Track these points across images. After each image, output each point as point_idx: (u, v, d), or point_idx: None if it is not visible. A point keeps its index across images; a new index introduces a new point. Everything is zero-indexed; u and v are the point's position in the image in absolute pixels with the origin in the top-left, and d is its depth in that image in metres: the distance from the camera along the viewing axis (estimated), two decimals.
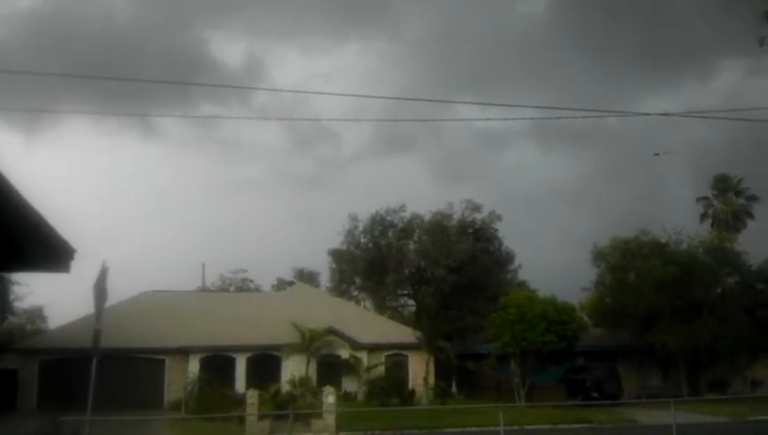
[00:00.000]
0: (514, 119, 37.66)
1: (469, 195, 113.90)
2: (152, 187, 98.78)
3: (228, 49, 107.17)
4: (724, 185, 53.36)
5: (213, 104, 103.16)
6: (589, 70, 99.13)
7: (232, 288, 60.92)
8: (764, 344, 35.21)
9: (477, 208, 48.41)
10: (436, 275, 44.69)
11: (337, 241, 50.80)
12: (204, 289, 54.91)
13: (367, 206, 49.44)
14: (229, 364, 34.32)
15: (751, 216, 52.53)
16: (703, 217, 52.93)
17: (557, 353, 32.80)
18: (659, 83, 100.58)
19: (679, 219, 72.98)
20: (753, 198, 52.48)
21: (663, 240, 38.37)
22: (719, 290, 37.38)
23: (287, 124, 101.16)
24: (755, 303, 35.04)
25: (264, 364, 33.96)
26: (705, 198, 53.76)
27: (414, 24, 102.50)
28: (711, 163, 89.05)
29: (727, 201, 52.99)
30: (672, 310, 34.67)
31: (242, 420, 23.58)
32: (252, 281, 63.34)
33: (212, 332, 35.15)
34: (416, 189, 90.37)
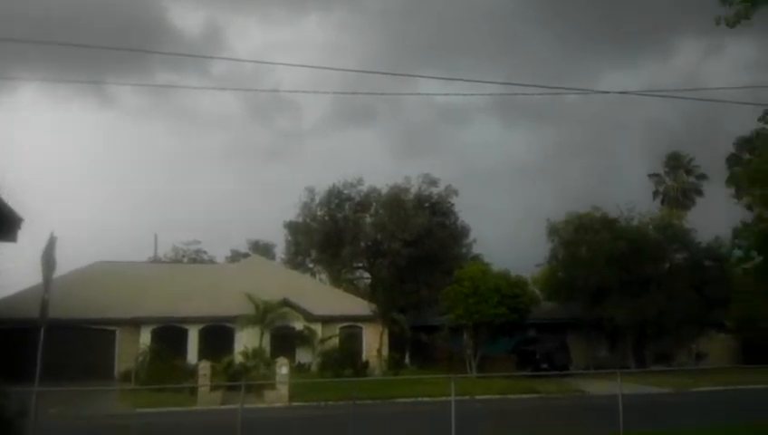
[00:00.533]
0: (475, 94, 37.64)
1: (429, 169, 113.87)
2: (105, 155, 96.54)
3: (187, 17, 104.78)
4: (675, 163, 54.53)
5: (171, 72, 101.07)
6: (550, 46, 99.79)
7: (185, 259, 60.20)
8: (709, 319, 36.32)
9: (434, 183, 48.54)
10: (392, 248, 44.80)
11: (293, 213, 50.50)
12: (156, 260, 54.13)
13: (325, 178, 49.02)
14: (181, 336, 34.00)
15: (701, 194, 53.86)
16: (655, 194, 54.08)
17: (509, 326, 33.36)
18: (620, 60, 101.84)
19: (635, 196, 74.44)
20: (702, 177, 53.77)
21: (614, 216, 39.06)
22: (667, 266, 38.31)
23: (246, 94, 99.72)
24: (702, 280, 36.02)
25: (217, 336, 33.73)
26: (657, 175, 54.87)
27: None
28: (668, 141, 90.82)
29: (678, 179, 54.19)
30: (621, 284, 35.46)
31: (194, 391, 23.46)
32: (205, 252, 62.76)
33: (164, 303, 34.75)
34: (375, 163, 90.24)
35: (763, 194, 17.60)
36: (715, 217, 44.57)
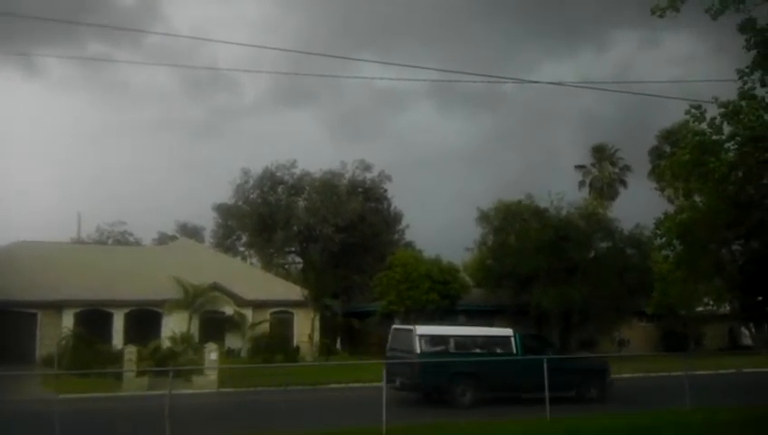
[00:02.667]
0: (414, 79, 37.89)
1: (366, 153, 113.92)
2: (28, 130, 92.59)
3: None
4: (600, 154, 56.09)
5: (102, 44, 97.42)
6: (491, 34, 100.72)
7: (110, 241, 58.56)
8: (631, 306, 37.58)
9: (368, 168, 48.59)
10: (325, 233, 44.68)
11: (224, 195, 49.74)
12: (79, 241, 52.40)
13: (260, 160, 48.66)
14: (106, 320, 33.13)
15: (625, 185, 55.63)
16: (581, 184, 55.49)
17: (440, 312, 33.74)
18: (557, 51, 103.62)
19: (565, 185, 75.95)
20: (626, 168, 55.55)
21: (544, 205, 39.85)
22: (592, 254, 39.37)
23: (181, 69, 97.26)
24: (624, 266, 37.21)
25: (144, 320, 32.99)
26: (584, 167, 56.30)
27: None
28: (600, 132, 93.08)
29: (603, 170, 55.75)
30: (548, 272, 36.28)
31: (119, 376, 22.91)
32: (131, 234, 61.22)
33: (88, 285, 33.72)
34: (312, 145, 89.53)
35: (685, 186, 18.21)
36: (639, 207, 46.17)
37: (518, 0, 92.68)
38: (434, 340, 19.29)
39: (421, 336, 18.92)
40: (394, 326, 22.56)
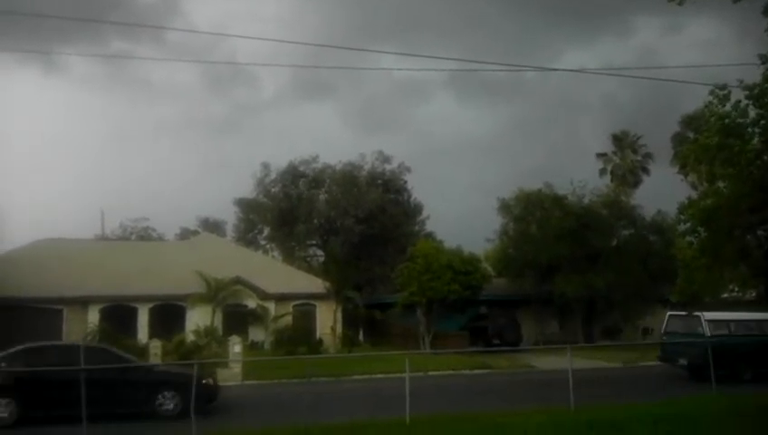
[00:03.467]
0: (434, 69, 37.91)
1: (386, 145, 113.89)
2: (52, 128, 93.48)
3: None
4: (621, 142, 55.57)
5: (124, 41, 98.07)
6: (510, 22, 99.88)
7: (133, 237, 59.08)
8: (655, 294, 37.24)
9: (387, 160, 48.60)
10: (346, 225, 44.75)
11: (245, 190, 50.03)
12: (103, 238, 52.95)
13: (281, 153, 49.00)
14: (131, 315, 33.45)
15: (647, 172, 55.08)
16: (602, 171, 55.02)
17: (461, 302, 33.69)
18: (579, 38, 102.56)
19: (587, 173, 75.49)
20: (648, 156, 54.99)
21: (565, 193, 39.57)
22: (615, 241, 39.08)
23: (202, 64, 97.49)
24: (648, 253, 36.89)
25: (168, 315, 33.27)
26: (605, 154, 55.81)
27: None
28: (623, 119, 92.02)
29: (625, 158, 55.23)
30: (571, 260, 36.07)
31: None
32: (154, 230, 61.69)
33: (112, 281, 34.06)
34: (333, 138, 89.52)
35: (709, 170, 18.02)
36: (661, 194, 45.69)
37: None
38: (718, 324, 22.14)
39: (709, 321, 21.83)
40: (670, 313, 25.63)
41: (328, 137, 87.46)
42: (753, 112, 14.51)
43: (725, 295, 36.69)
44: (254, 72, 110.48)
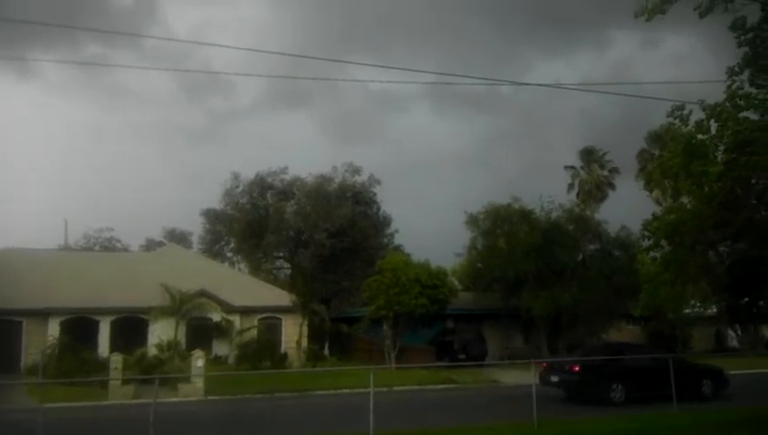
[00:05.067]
0: (410, 82, 37.94)
1: (361, 156, 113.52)
2: (21, 134, 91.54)
3: None
4: (589, 157, 56.24)
5: (100, 46, 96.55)
6: (488, 35, 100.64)
7: (97, 247, 58.11)
8: (619, 308, 37.61)
9: (357, 171, 48.46)
10: (316, 238, 44.48)
11: (213, 200, 49.50)
12: (66, 248, 51.97)
13: (254, 163, 48.46)
14: (92, 327, 32.77)
15: (613, 187, 55.77)
16: (570, 186, 55.59)
17: (428, 317, 33.62)
18: (556, 51, 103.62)
19: (558, 187, 76.37)
20: (615, 171, 55.73)
21: (531, 208, 39.82)
22: (580, 256, 39.42)
23: (177, 71, 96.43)
24: (612, 269, 37.26)
25: (131, 328, 32.66)
26: (573, 167, 56.39)
27: None
28: (597, 132, 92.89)
29: (591, 173, 55.89)
30: (537, 275, 36.27)
31: (105, 385, 22.65)
32: (119, 240, 60.76)
33: (74, 293, 33.36)
34: (308, 148, 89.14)
35: (673, 186, 18.22)
36: (627, 209, 46.32)
37: (517, 3, 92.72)
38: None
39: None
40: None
41: (303, 147, 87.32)
42: (714, 128, 14.73)
43: (688, 311, 37.22)
44: (230, 81, 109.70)
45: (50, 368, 26.95)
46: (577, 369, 19.98)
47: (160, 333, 31.32)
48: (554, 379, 20.35)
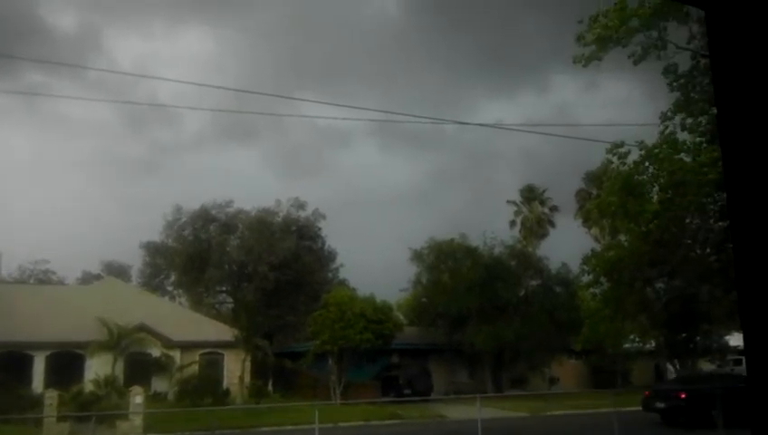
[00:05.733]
0: (356, 119, 38.22)
1: (307, 191, 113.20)
2: None
3: (61, 14, 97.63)
4: (530, 195, 57.49)
5: (40, 74, 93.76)
6: (433, 76, 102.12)
7: (31, 280, 56.24)
8: (560, 343, 38.19)
9: (302, 207, 48.45)
10: (259, 271, 44.08)
11: (154, 233, 48.63)
12: None
13: (197, 197, 47.69)
14: (26, 362, 31.65)
15: (553, 224, 57.04)
16: (512, 223, 56.60)
17: (373, 351, 33.54)
18: (499, 92, 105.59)
19: (502, 224, 77.77)
20: (554, 208, 57.08)
21: (475, 244, 40.37)
22: (522, 292, 40.00)
23: (120, 103, 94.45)
24: (553, 304, 37.90)
25: (67, 363, 31.61)
26: (515, 203, 57.51)
27: (259, 14, 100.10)
28: (539, 171, 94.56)
29: (533, 210, 57.09)
30: (480, 310, 36.63)
31: (39, 422, 21.86)
32: (54, 273, 58.92)
33: (7, 326, 32.07)
34: (253, 183, 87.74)
35: (611, 224, 18.84)
36: (567, 245, 47.36)
37: (462, 46, 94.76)
38: None
39: None
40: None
41: (249, 181, 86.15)
42: (651, 169, 15.32)
43: (627, 345, 38.02)
44: (175, 114, 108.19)
45: None
46: (683, 395, 21.26)
47: (97, 368, 30.41)
48: (660, 405, 21.89)
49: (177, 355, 34.82)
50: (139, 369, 32.67)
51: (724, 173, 2.03)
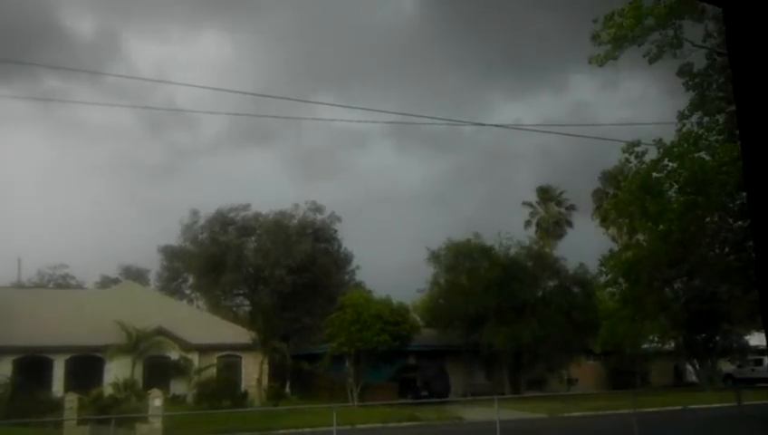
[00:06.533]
0: (373, 121, 38.16)
1: (324, 194, 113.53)
2: None
3: (79, 20, 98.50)
4: (546, 195, 57.25)
5: (59, 80, 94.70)
6: (450, 77, 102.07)
7: (51, 285, 56.77)
8: (578, 344, 38.01)
9: (319, 210, 48.60)
10: (276, 275, 44.23)
11: (172, 237, 48.94)
12: (19, 285, 50.65)
13: (215, 201, 47.95)
14: (46, 366, 31.89)
15: (570, 224, 56.77)
16: (527, 223, 56.41)
17: (390, 353, 33.53)
18: (515, 92, 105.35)
19: (518, 224, 77.76)
20: (571, 208, 56.80)
21: (491, 244, 40.23)
22: (540, 293, 39.84)
23: (139, 107, 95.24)
24: (571, 305, 37.72)
25: (86, 367, 31.83)
26: (530, 204, 57.30)
27: (274, 18, 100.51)
28: (557, 171, 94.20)
29: (549, 211, 56.86)
30: (498, 311, 36.52)
31: (59, 425, 22.06)
32: (73, 277, 59.41)
33: (27, 331, 32.42)
34: (270, 186, 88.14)
35: (629, 224, 18.71)
36: (584, 245, 47.10)
37: (478, 48, 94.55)
38: None
39: None
40: None
41: (266, 184, 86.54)
42: (669, 166, 15.19)
43: (646, 346, 37.80)
44: (192, 118, 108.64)
45: (2, 408, 26.14)
46: None
47: (116, 371, 30.63)
48: None
49: (195, 358, 34.97)
50: (158, 372, 32.84)
51: (744, 170, 2.01)
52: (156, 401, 23.72)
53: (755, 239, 1.90)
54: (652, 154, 15.63)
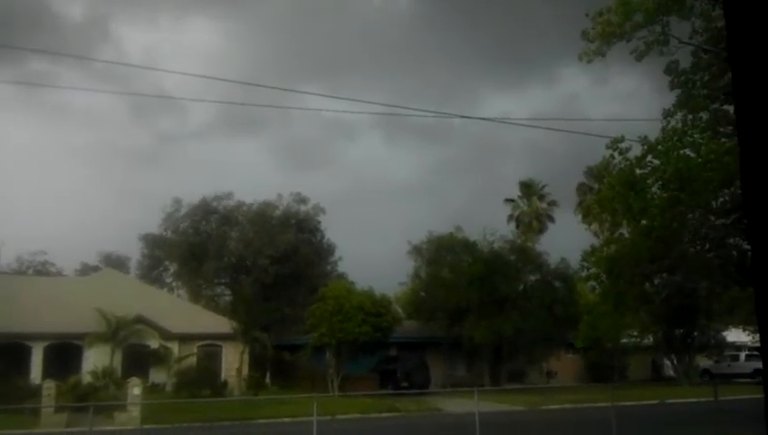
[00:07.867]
0: (361, 112, 38.06)
1: (311, 184, 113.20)
2: None
3: (68, 6, 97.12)
4: (528, 190, 57.45)
5: (46, 63, 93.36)
6: (439, 69, 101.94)
7: (30, 271, 56.19)
8: (559, 338, 38.27)
9: (303, 201, 48.48)
10: (258, 264, 44.11)
11: (153, 225, 48.62)
12: None
13: (200, 189, 47.70)
14: (24, 353, 31.63)
15: (552, 219, 57.02)
16: (509, 217, 56.61)
17: (371, 344, 33.58)
18: (506, 85, 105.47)
19: (503, 218, 78.16)
20: (553, 203, 57.06)
21: (474, 238, 40.38)
22: (521, 287, 40.03)
23: (126, 93, 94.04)
24: (552, 299, 37.95)
25: (65, 354, 31.62)
26: (512, 200, 57.50)
27: (264, 7, 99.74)
28: (543, 165, 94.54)
29: (531, 205, 57.09)
30: (480, 304, 36.64)
31: (37, 412, 21.87)
32: (53, 264, 58.85)
33: (5, 317, 32.06)
34: (256, 175, 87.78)
35: (612, 219, 18.81)
36: (566, 240, 47.36)
37: (468, 40, 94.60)
38: None
39: None
40: None
41: (252, 174, 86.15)
42: (652, 163, 15.27)
43: (625, 340, 38.12)
44: (180, 105, 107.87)
45: None
46: None
47: (95, 359, 30.42)
48: None
49: (175, 347, 34.83)
50: (137, 360, 32.68)
51: (741, 168, 1.99)
52: (135, 389, 23.59)
53: (751, 237, 1.88)
54: (636, 150, 15.72)
